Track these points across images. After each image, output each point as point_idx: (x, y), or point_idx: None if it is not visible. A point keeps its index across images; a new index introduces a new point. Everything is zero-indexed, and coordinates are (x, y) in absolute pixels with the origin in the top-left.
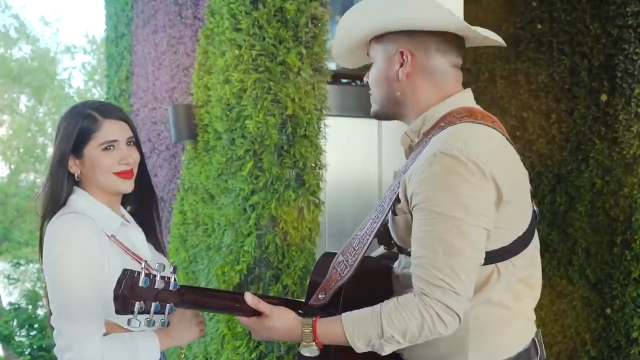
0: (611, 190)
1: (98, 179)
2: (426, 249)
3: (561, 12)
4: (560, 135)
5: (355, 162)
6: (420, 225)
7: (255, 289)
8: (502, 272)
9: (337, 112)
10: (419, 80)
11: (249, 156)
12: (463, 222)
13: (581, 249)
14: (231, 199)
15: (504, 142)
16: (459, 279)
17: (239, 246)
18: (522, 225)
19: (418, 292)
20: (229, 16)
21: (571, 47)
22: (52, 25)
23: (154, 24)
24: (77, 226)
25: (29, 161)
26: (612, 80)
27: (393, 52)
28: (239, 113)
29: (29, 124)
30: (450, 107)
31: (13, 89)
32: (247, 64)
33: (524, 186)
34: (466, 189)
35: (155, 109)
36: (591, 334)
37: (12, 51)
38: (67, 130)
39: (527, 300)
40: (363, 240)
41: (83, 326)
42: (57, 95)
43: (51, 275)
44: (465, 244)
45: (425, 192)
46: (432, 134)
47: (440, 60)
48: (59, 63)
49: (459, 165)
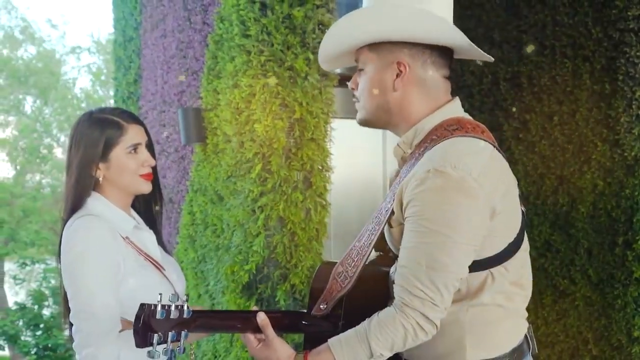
0: (613, 191)
1: (124, 181)
2: (411, 260)
3: (564, 15)
4: (562, 137)
5: (360, 164)
6: (409, 236)
7: (263, 288)
8: (495, 276)
9: (342, 115)
10: (413, 92)
11: (258, 159)
12: (449, 238)
13: (583, 250)
14: (240, 201)
15: (494, 153)
16: (438, 292)
17: (247, 246)
18: (513, 231)
19: (398, 303)
20: (238, 22)
21: (573, 51)
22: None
23: (163, 29)
24: (95, 227)
25: (34, 162)
26: (614, 83)
27: (389, 62)
28: (247, 117)
29: (35, 125)
30: (440, 118)
31: (19, 89)
32: (255, 69)
33: (513, 193)
34: (456, 206)
35: (164, 112)
36: (593, 333)
37: (18, 52)
38: (92, 138)
39: (519, 299)
40: (362, 252)
41: (101, 324)
42: (63, 96)
43: (71, 275)
44: (449, 260)
45: (417, 207)
46: (424, 147)
47: (434, 73)
48: (64, 64)
49: (452, 182)
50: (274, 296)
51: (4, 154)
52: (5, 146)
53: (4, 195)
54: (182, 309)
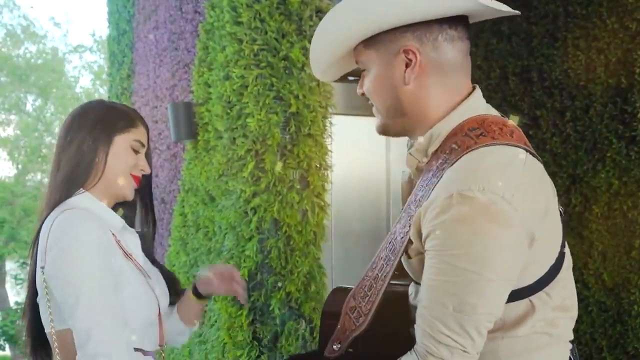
0: (629, 191)
1: (115, 174)
2: (435, 301)
3: (576, 5)
4: (575, 133)
5: (362, 162)
6: (430, 272)
7: (257, 295)
8: (536, 304)
9: (343, 111)
10: (429, 81)
11: (250, 156)
12: (480, 276)
13: (597, 252)
14: (232, 201)
15: (528, 161)
16: (469, 337)
17: (240, 250)
18: (554, 252)
19: (422, 352)
20: (229, 9)
21: (587, 42)
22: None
23: (155, 20)
24: (84, 218)
25: (36, 161)
26: (630, 77)
27: (394, 52)
28: (239, 111)
29: (36, 124)
30: (457, 120)
31: (20, 88)
32: (248, 59)
33: (554, 207)
34: (487, 238)
35: (156, 108)
36: (607, 340)
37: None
38: (105, 118)
39: (563, 323)
40: (377, 285)
41: (111, 330)
42: (64, 94)
43: (60, 270)
44: (479, 300)
45: (439, 239)
46: (442, 159)
47: (451, 50)
48: (67, 63)
49: (481, 209)
50: (268, 305)
51: (5, 153)
52: (7, 145)
53: (4, 194)
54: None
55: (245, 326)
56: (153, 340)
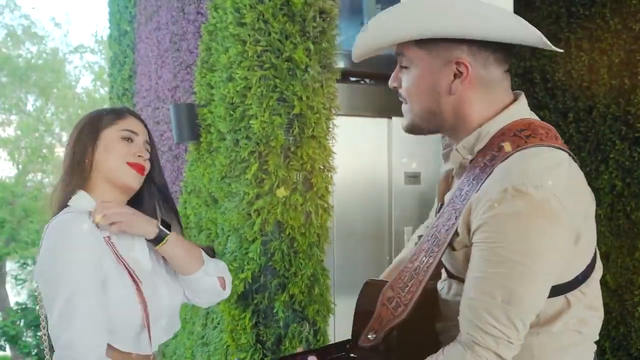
0: (632, 192)
1: (109, 165)
2: (483, 292)
3: (579, 6)
4: (578, 134)
5: (364, 163)
6: (479, 264)
7: (260, 298)
8: (571, 301)
9: (345, 112)
10: (473, 94)
11: (254, 158)
12: (529, 269)
13: (600, 254)
14: (235, 203)
15: (571, 164)
16: (514, 328)
17: (243, 253)
18: (591, 252)
19: (468, 341)
20: (232, 10)
21: (590, 43)
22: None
23: (157, 21)
24: (75, 221)
25: (36, 161)
26: (634, 78)
27: (446, 60)
28: (243, 112)
29: (37, 124)
30: (506, 121)
31: (20, 88)
32: (251, 60)
33: (592, 207)
34: (539, 233)
35: (158, 109)
36: (611, 342)
37: (19, 51)
38: (90, 120)
39: (593, 323)
40: (417, 276)
41: (83, 328)
42: (65, 95)
43: (44, 272)
44: (527, 293)
45: (491, 232)
46: (491, 156)
47: (496, 71)
48: (68, 63)
49: (534, 205)
50: (272, 307)
51: (6, 153)
52: (7, 145)
53: (5, 194)
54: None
55: (249, 329)
56: (144, 344)
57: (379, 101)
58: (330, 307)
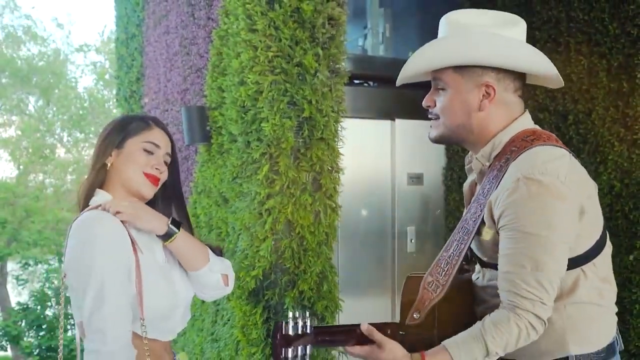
0: (630, 193)
1: (127, 173)
2: (515, 265)
3: (579, 11)
4: (577, 136)
5: (368, 164)
6: (508, 243)
7: (271, 294)
8: (587, 273)
9: (350, 114)
10: (496, 112)
11: (265, 159)
12: (548, 239)
13: None
14: (246, 203)
15: (572, 159)
16: (544, 290)
17: (254, 251)
18: (598, 230)
19: (509, 306)
20: (244, 17)
21: (589, 48)
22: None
23: (166, 25)
24: (99, 216)
25: (37, 162)
26: (632, 81)
27: (477, 84)
28: (254, 115)
29: (38, 125)
30: (515, 131)
31: (22, 89)
32: (263, 65)
33: (595, 195)
34: (551, 209)
35: (167, 111)
36: None
37: (20, 52)
38: (119, 125)
39: (609, 295)
40: (452, 261)
41: (111, 316)
42: (66, 95)
43: (74, 264)
44: (550, 259)
45: (512, 214)
46: (505, 158)
47: (513, 94)
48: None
49: (543, 187)
50: (282, 303)
51: (7, 153)
52: (8, 146)
53: (6, 195)
54: (306, 325)
55: (260, 324)
56: (166, 331)
57: (383, 103)
58: (337, 303)
